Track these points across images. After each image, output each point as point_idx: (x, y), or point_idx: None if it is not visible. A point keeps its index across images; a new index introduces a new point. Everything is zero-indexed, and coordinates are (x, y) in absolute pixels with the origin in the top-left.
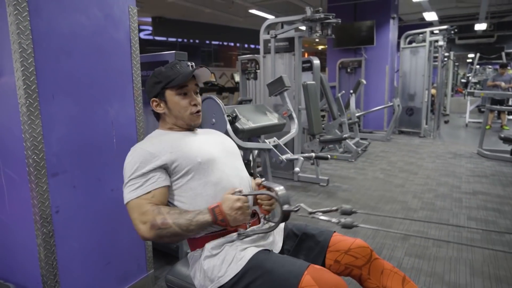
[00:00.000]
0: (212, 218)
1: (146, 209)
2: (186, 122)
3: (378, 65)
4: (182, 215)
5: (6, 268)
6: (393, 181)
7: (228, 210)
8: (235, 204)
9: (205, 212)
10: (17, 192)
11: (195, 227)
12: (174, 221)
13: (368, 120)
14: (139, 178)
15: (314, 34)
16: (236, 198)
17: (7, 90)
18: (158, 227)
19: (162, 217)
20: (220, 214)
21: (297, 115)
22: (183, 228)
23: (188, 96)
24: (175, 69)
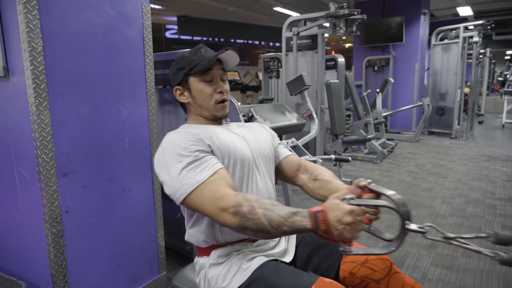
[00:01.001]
0: (313, 225)
1: (224, 192)
2: (211, 112)
3: (407, 63)
4: (274, 209)
5: (19, 265)
6: (421, 185)
7: (335, 221)
8: (346, 217)
9: (305, 214)
10: (28, 191)
11: (288, 228)
12: (265, 213)
13: (396, 120)
14: (199, 160)
15: (338, 31)
16: (348, 210)
17: (18, 89)
18: (243, 215)
19: (249, 204)
20: (324, 224)
21: (319, 115)
22: (274, 225)
23: (214, 83)
24: (199, 54)
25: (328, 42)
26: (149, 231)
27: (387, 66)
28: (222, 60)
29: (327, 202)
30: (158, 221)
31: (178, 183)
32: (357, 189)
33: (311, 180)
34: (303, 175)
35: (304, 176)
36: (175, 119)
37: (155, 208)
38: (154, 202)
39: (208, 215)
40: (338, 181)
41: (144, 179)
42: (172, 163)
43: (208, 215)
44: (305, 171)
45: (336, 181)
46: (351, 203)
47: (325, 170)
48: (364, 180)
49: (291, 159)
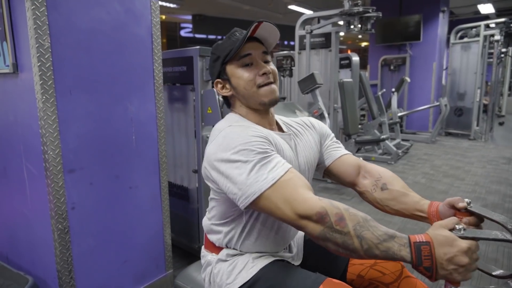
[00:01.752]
0: (414, 259)
1: (304, 195)
2: (257, 100)
3: (424, 62)
4: (368, 225)
5: (28, 260)
6: (436, 187)
7: (445, 260)
8: (461, 258)
9: (405, 242)
10: (36, 187)
11: (380, 253)
12: (356, 228)
13: (412, 120)
14: (270, 157)
15: (353, 29)
16: (465, 248)
17: (27, 85)
18: (329, 225)
19: (338, 212)
20: (429, 260)
21: (332, 114)
22: (364, 245)
23: (254, 66)
24: (233, 38)
25: (343, 41)
26: (156, 229)
27: (403, 65)
28: (261, 38)
29: (433, 232)
30: (165, 219)
31: (250, 180)
32: (450, 210)
33: (377, 189)
34: (366, 181)
35: (367, 182)
36: (184, 117)
37: (162, 206)
38: (161, 199)
39: (281, 218)
40: (413, 193)
41: (151, 176)
42: (240, 158)
43: (282, 218)
44: (368, 175)
45: (413, 194)
46: (465, 236)
47: (393, 177)
48: (462, 199)
49: (347, 160)
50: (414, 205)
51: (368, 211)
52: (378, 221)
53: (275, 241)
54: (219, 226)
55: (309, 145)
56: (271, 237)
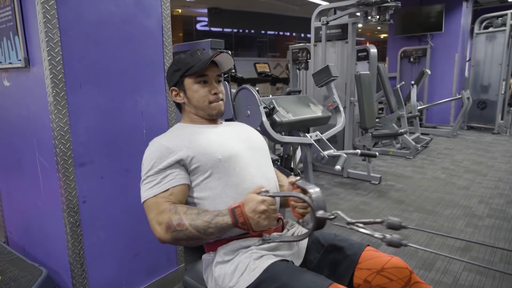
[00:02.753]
0: (232, 220)
1: (163, 208)
2: (206, 112)
3: (446, 54)
4: (200, 216)
5: (42, 252)
6: (456, 183)
7: (250, 212)
8: (259, 206)
9: (225, 213)
10: (48, 180)
11: (214, 229)
12: (191, 223)
13: (432, 113)
14: (156, 175)
15: (370, 19)
16: (260, 199)
17: (38, 79)
18: (174, 229)
19: (178, 217)
20: (241, 216)
21: (348, 107)
22: (201, 230)
23: (208, 85)
24: (195, 56)
25: (362, 32)
26: None
27: (423, 57)
28: (217, 62)
29: (245, 197)
30: None
31: (141, 190)
32: (290, 186)
33: None
34: None
35: None
36: None
37: None
38: None
39: (150, 225)
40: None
41: None
42: (143, 173)
43: (150, 225)
44: None
45: (284, 183)
46: (264, 195)
47: (282, 176)
48: (294, 177)
49: None
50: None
51: (384, 207)
52: (396, 217)
53: None
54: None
55: (247, 130)
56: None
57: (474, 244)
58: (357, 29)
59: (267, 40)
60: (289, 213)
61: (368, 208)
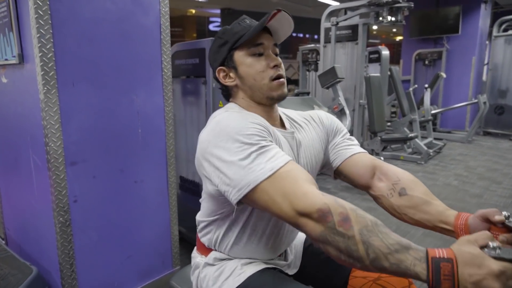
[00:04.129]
0: (430, 278)
1: (306, 188)
2: (265, 93)
3: (462, 57)
4: (378, 231)
5: (35, 250)
6: (469, 190)
7: (470, 283)
8: (491, 283)
9: (420, 255)
10: (41, 178)
11: (390, 266)
12: (363, 233)
13: (447, 118)
14: (269, 147)
15: (381, 20)
16: (497, 271)
17: (31, 76)
18: (332, 225)
19: (342, 212)
20: (449, 280)
21: (357, 110)
22: (371, 254)
23: (266, 57)
24: (244, 24)
25: (377, 34)
26: (162, 225)
27: (439, 60)
28: (273, 30)
29: (458, 248)
30: (172, 214)
31: (243, 171)
32: (482, 224)
33: (395, 194)
34: (381, 184)
35: (383, 185)
36: (196, 111)
37: (169, 201)
38: (169, 195)
39: (278, 214)
40: (438, 201)
41: (158, 171)
42: (235, 146)
43: (279, 215)
44: (384, 177)
45: (437, 202)
46: (499, 257)
47: (414, 181)
48: (499, 212)
49: (360, 159)
50: (438, 215)
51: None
52: (403, 224)
53: (267, 248)
54: (208, 224)
55: (311, 143)
56: (262, 243)
57: None
58: (371, 31)
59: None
60: None
61: (375, 214)
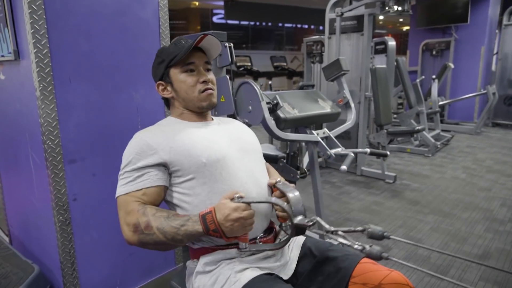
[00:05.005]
0: (203, 228)
1: (131, 208)
2: (196, 104)
3: (471, 47)
4: (169, 220)
5: (37, 249)
6: (478, 183)
7: (222, 219)
8: (233, 214)
9: (196, 219)
10: (40, 176)
11: (183, 236)
12: (158, 226)
13: (455, 109)
14: (133, 172)
15: (387, 10)
16: (234, 207)
17: (27, 72)
18: (141, 231)
19: (146, 219)
20: (213, 223)
21: (363, 102)
22: (168, 236)
23: (196, 74)
24: (179, 45)
25: (383, 24)
26: None
27: (447, 50)
28: (204, 49)
29: (217, 203)
30: None
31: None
32: (269, 188)
33: None
34: None
35: None
36: None
37: None
38: None
39: (120, 224)
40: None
41: None
42: (121, 167)
43: (120, 224)
44: None
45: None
46: (238, 202)
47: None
48: (274, 179)
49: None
50: None
51: (398, 208)
52: (410, 219)
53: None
54: None
55: (239, 127)
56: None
57: (493, 252)
58: (378, 21)
59: (284, 33)
60: None
61: (380, 208)
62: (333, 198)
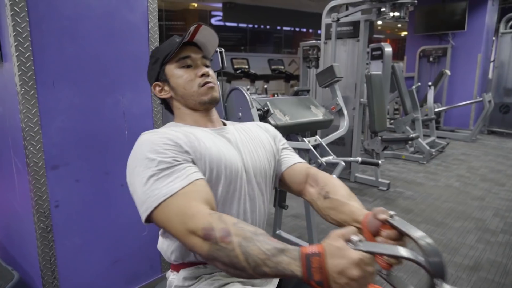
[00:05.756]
0: (304, 272)
1: (196, 209)
2: (196, 99)
3: (468, 54)
4: (256, 240)
5: (19, 255)
6: (471, 192)
7: (335, 272)
8: (352, 270)
9: (295, 255)
10: (22, 182)
11: (270, 270)
12: (242, 244)
13: (451, 116)
14: (173, 168)
15: (383, 17)
16: (356, 260)
17: (10, 76)
18: (215, 241)
19: (223, 228)
20: (319, 273)
21: (357, 109)
22: (251, 262)
23: (194, 68)
24: (173, 42)
25: (382, 29)
26: (151, 228)
27: (444, 57)
28: (200, 44)
29: (327, 243)
30: None
31: (143, 195)
32: (375, 221)
33: (321, 197)
34: (312, 189)
35: (313, 190)
36: None
37: None
38: None
39: (175, 236)
40: (355, 202)
41: None
42: (140, 170)
43: (176, 236)
44: (314, 183)
45: (353, 203)
46: (359, 249)
47: (340, 186)
48: (386, 211)
49: (297, 168)
50: (351, 215)
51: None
52: None
53: None
54: (164, 237)
55: (258, 144)
56: None
57: (484, 263)
58: (376, 26)
59: (282, 36)
60: None
61: None
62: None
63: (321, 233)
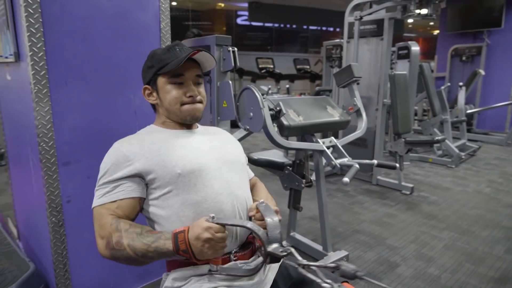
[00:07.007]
0: (173, 246)
1: (104, 221)
2: (178, 116)
3: (504, 53)
4: (141, 237)
5: (37, 247)
6: (502, 199)
7: (193, 239)
8: (204, 234)
9: (168, 237)
10: (37, 177)
11: (154, 254)
12: (129, 243)
13: (485, 118)
14: (108, 184)
15: (409, 15)
16: (206, 226)
17: (26, 75)
18: (112, 247)
19: (118, 234)
20: (184, 243)
21: (380, 109)
22: (139, 253)
23: (184, 86)
24: (172, 52)
25: (413, 28)
26: None
27: (478, 56)
28: (199, 61)
29: (192, 223)
30: None
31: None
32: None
33: None
34: None
35: None
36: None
37: None
38: None
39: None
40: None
41: None
42: (99, 175)
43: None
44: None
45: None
46: (212, 221)
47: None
48: (257, 201)
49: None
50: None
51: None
52: (423, 234)
53: None
54: None
55: (226, 139)
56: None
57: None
58: (407, 25)
59: (309, 35)
60: None
61: (393, 221)
62: (344, 207)
63: (336, 236)
